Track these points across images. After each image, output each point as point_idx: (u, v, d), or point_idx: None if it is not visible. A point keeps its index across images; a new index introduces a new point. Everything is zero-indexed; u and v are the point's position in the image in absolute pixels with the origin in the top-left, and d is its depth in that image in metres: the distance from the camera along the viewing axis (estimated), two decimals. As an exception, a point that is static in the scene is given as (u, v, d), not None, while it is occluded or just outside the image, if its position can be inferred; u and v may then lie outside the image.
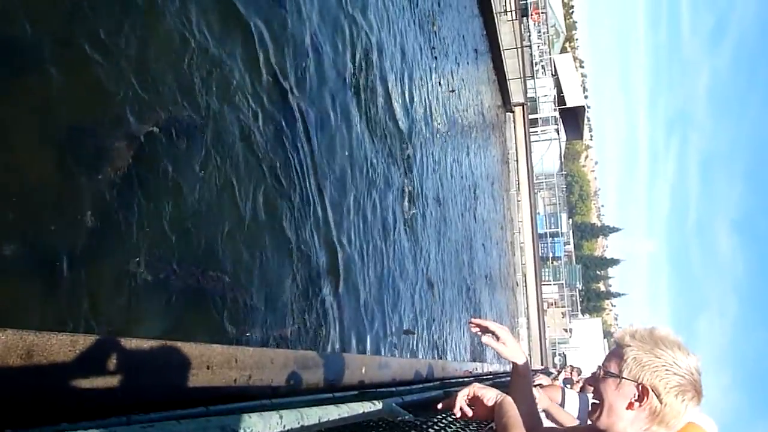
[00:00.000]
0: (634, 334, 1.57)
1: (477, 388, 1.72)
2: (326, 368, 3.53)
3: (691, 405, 1.50)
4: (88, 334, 1.98)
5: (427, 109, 10.13)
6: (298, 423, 1.51)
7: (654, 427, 1.52)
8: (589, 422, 2.80)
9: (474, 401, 1.72)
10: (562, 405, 3.46)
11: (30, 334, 1.74)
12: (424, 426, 2.07)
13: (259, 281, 3.89)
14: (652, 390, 1.49)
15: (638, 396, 1.51)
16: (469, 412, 1.71)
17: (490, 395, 1.68)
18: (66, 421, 1.62)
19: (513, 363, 1.92)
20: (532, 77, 32.63)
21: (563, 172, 51.40)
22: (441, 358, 8.75)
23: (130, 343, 2.13)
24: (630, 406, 1.52)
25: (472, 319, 1.92)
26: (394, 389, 3.94)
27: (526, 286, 27.24)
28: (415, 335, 6.59)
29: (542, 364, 24.11)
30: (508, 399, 1.64)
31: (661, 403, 1.49)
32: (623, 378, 1.53)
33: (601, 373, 1.59)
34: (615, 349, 1.61)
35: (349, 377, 3.86)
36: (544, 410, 2.66)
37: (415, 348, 7.54)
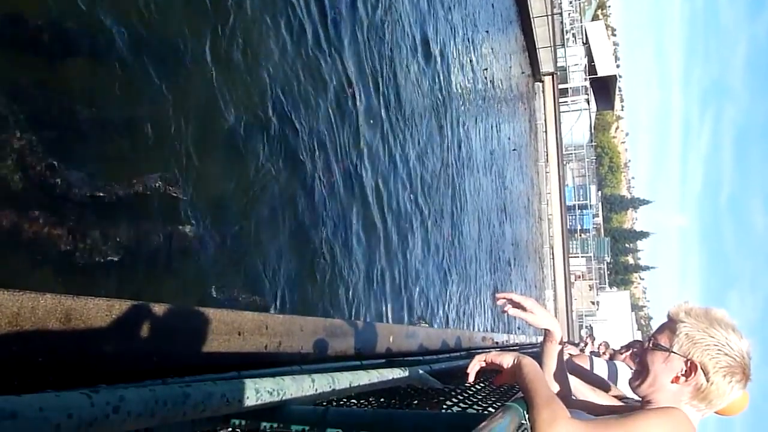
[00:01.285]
0: (690, 312, 1.56)
1: (494, 355, 1.71)
2: (355, 336, 3.57)
3: (737, 387, 1.49)
4: (123, 299, 2.03)
5: (456, 79, 9.99)
6: (330, 387, 1.53)
7: (695, 402, 1.51)
8: (613, 395, 2.78)
9: (494, 367, 1.72)
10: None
11: (68, 299, 1.78)
12: (453, 393, 2.08)
13: (289, 249, 3.92)
14: (701, 367, 1.49)
15: (685, 371, 1.50)
16: (472, 377, 1.71)
17: (507, 359, 1.67)
18: (103, 382, 1.67)
19: (545, 330, 1.91)
20: (563, 46, 31.83)
21: (593, 144, 50.42)
22: (468, 329, 8.79)
23: (164, 308, 2.18)
24: (675, 379, 1.52)
25: (498, 294, 1.90)
26: (421, 358, 3.97)
27: (553, 258, 27.03)
28: (428, 324, 6.62)
29: (568, 338, 24.03)
30: (527, 358, 1.63)
31: (707, 381, 1.48)
32: (673, 352, 1.52)
33: (651, 344, 1.58)
34: (668, 323, 1.60)
35: (377, 345, 3.90)
36: (570, 371, 2.65)
37: (442, 318, 7.58)
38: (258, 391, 1.23)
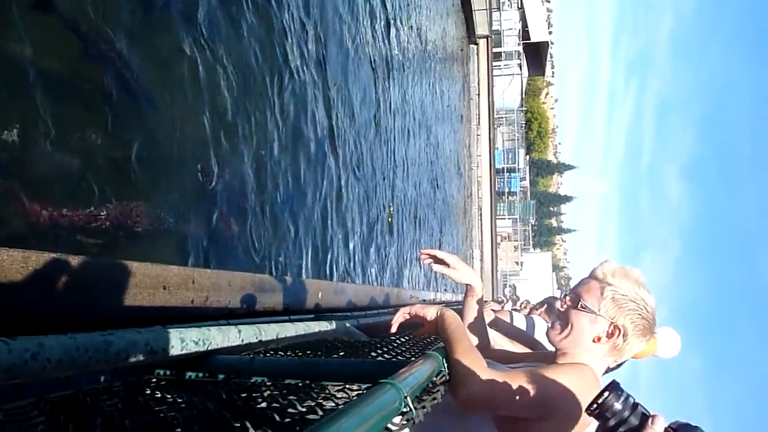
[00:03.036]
0: (614, 273, 1.64)
1: (418, 308, 1.78)
2: (283, 292, 3.58)
3: (645, 342, 1.63)
4: (40, 252, 1.95)
5: (390, 36, 9.91)
6: (256, 338, 1.55)
7: (607, 357, 1.63)
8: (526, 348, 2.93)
9: (417, 320, 1.78)
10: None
11: (-21, 249, 1.70)
12: (378, 345, 2.15)
13: (216, 202, 3.85)
14: (623, 329, 1.59)
15: (608, 333, 1.60)
16: (395, 328, 1.77)
17: (430, 312, 1.74)
18: (21, 333, 1.62)
19: (466, 285, 1.99)
20: (498, 9, 32.04)
21: (523, 108, 51.48)
22: (396, 287, 8.97)
23: (83, 261, 2.11)
24: (597, 339, 1.62)
25: (422, 250, 1.96)
26: (349, 314, 4.05)
27: (481, 219, 27.77)
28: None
29: (493, 296, 24.94)
30: (449, 311, 1.70)
31: (625, 340, 1.60)
32: (600, 315, 1.61)
33: (580, 305, 1.65)
34: (594, 283, 1.67)
35: (306, 301, 3.93)
36: (491, 324, 2.79)
37: (371, 275, 7.69)
38: (183, 341, 1.23)
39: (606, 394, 0.97)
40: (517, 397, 1.42)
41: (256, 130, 4.48)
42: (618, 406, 0.95)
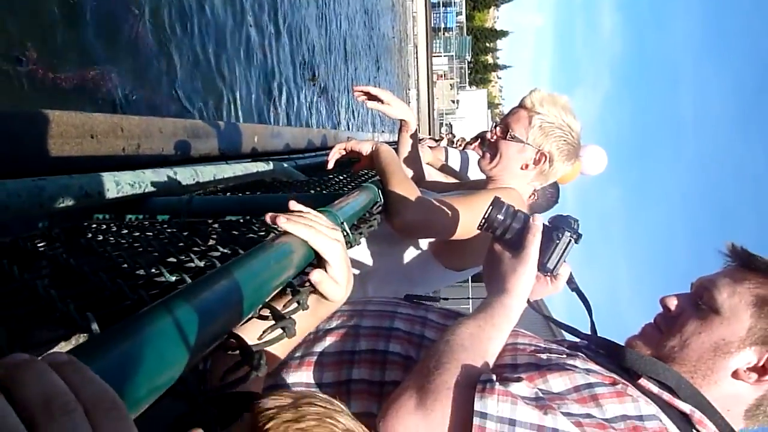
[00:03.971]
0: (542, 101, 1.67)
1: (353, 143, 1.79)
2: (218, 137, 3.51)
3: (569, 164, 1.71)
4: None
5: None
6: (193, 179, 1.55)
7: (534, 181, 1.72)
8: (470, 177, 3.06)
9: (353, 155, 1.81)
10: (445, 162, 3.73)
11: None
12: (316, 183, 2.19)
13: (135, 40, 3.61)
14: (549, 155, 1.65)
15: (535, 160, 1.67)
16: (332, 164, 1.80)
17: (365, 146, 1.76)
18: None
19: (401, 121, 2.01)
20: None
21: (461, -66, 48.44)
22: (334, 128, 8.93)
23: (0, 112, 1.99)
24: (525, 166, 1.69)
25: (356, 87, 1.93)
26: (287, 156, 4.05)
27: (417, 57, 27.18)
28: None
29: (430, 134, 25.20)
30: (384, 145, 1.74)
31: (551, 166, 1.67)
32: (528, 144, 1.66)
33: (509, 135, 1.69)
34: (523, 112, 1.70)
35: (242, 145, 3.88)
36: (428, 163, 2.86)
37: (306, 118, 7.60)
38: (118, 184, 1.22)
39: (490, 209, 1.06)
40: (449, 220, 1.51)
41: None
42: (501, 216, 1.06)
